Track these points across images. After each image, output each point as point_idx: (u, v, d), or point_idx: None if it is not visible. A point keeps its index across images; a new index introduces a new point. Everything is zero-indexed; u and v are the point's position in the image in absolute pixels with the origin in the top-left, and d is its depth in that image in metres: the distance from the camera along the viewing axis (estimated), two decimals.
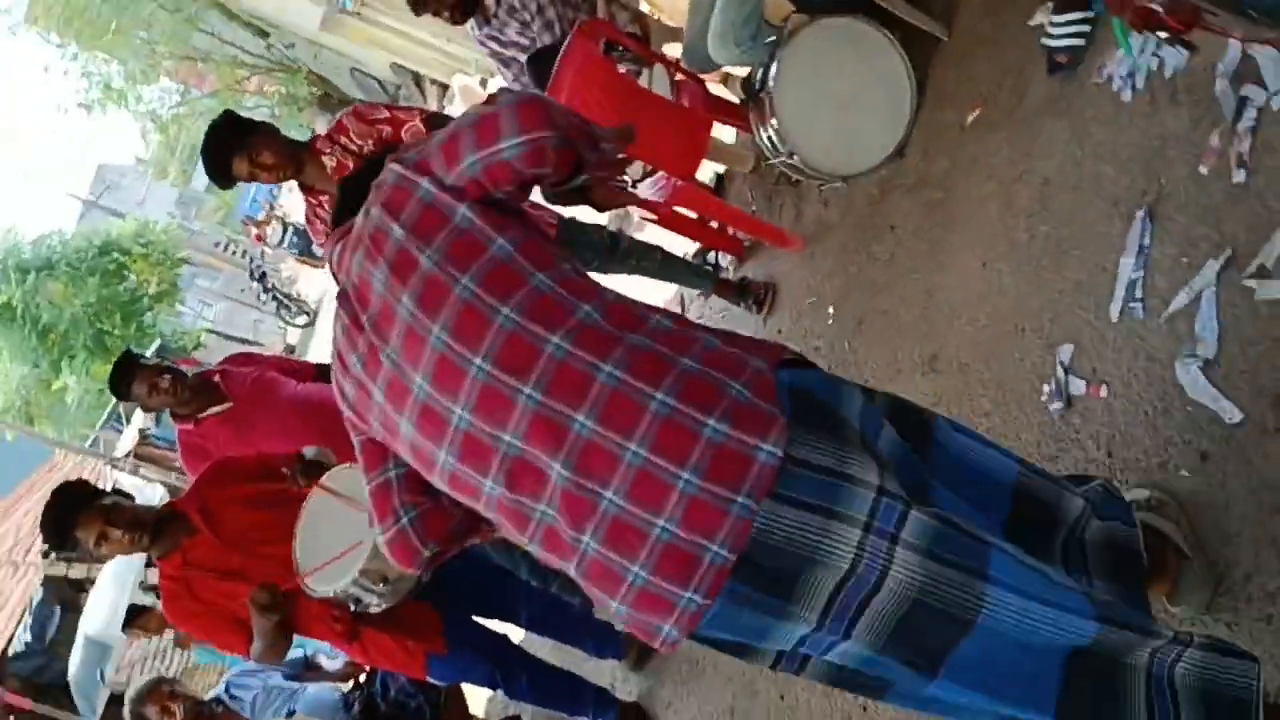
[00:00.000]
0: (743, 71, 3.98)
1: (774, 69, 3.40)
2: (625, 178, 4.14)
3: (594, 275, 1.71)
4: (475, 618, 3.61)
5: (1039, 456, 2.57)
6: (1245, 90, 2.31)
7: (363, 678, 4.59)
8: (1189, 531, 2.06)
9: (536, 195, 1.73)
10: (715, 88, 4.55)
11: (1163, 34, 1.76)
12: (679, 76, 4.11)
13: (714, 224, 4.58)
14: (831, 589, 1.44)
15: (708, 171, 4.84)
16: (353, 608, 3.07)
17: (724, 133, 4.45)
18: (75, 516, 3.09)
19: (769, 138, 3.51)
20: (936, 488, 1.58)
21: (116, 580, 7.12)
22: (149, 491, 10.52)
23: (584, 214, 4.78)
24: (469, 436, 1.50)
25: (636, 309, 1.58)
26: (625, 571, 1.43)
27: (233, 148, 3.59)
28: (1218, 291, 2.25)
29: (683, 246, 4.80)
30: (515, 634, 3.96)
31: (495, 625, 3.72)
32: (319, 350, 16.45)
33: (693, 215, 4.45)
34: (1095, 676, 1.51)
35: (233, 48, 17.53)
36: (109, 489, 3.58)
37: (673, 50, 4.47)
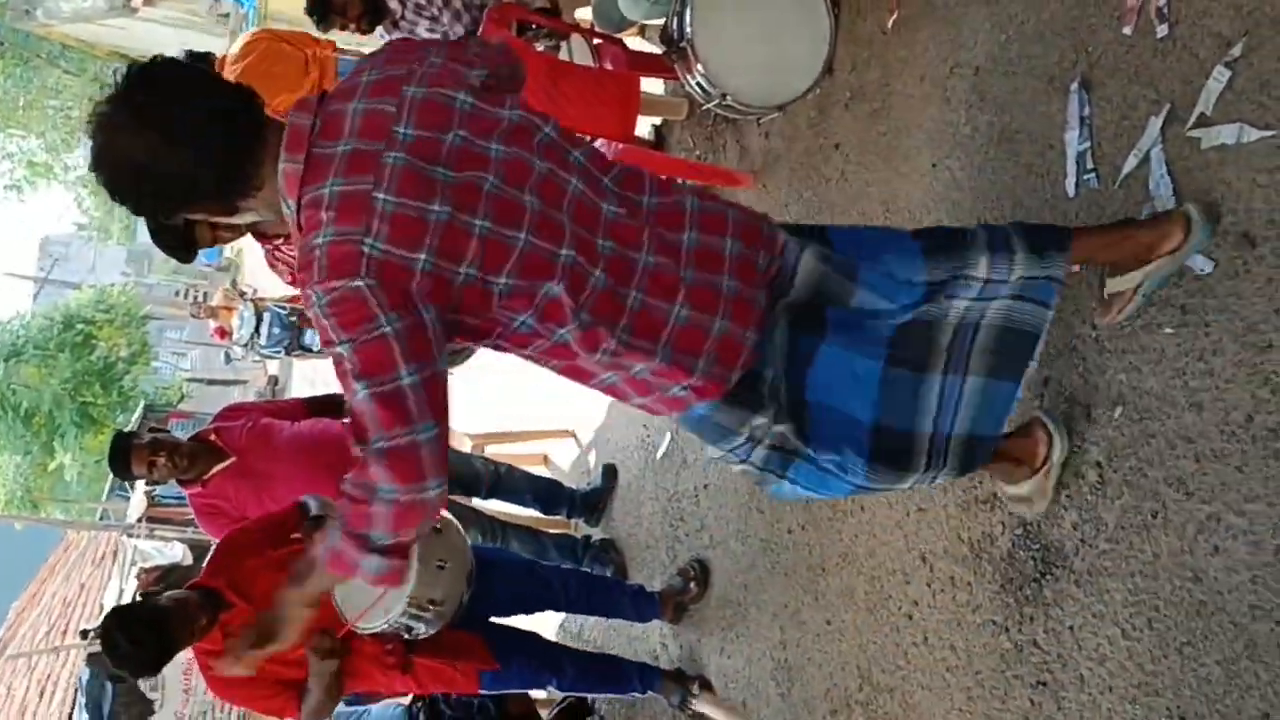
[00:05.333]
0: (659, 22, 3.96)
1: (687, 15, 3.39)
2: None
3: None
4: (514, 620, 3.67)
5: None
6: None
7: None
8: None
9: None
10: (634, 42, 4.54)
11: None
12: (596, 41, 4.09)
13: (662, 178, 4.57)
14: None
15: (644, 126, 4.82)
16: (405, 636, 3.15)
17: (652, 84, 4.44)
18: (173, 640, 2.97)
19: (698, 84, 3.50)
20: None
21: None
22: (170, 551, 10.59)
23: None
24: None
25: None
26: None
27: None
28: (1165, 147, 2.28)
29: None
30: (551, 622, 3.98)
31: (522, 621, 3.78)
32: (301, 381, 16.32)
33: None
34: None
35: None
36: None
37: (585, 14, 4.45)
